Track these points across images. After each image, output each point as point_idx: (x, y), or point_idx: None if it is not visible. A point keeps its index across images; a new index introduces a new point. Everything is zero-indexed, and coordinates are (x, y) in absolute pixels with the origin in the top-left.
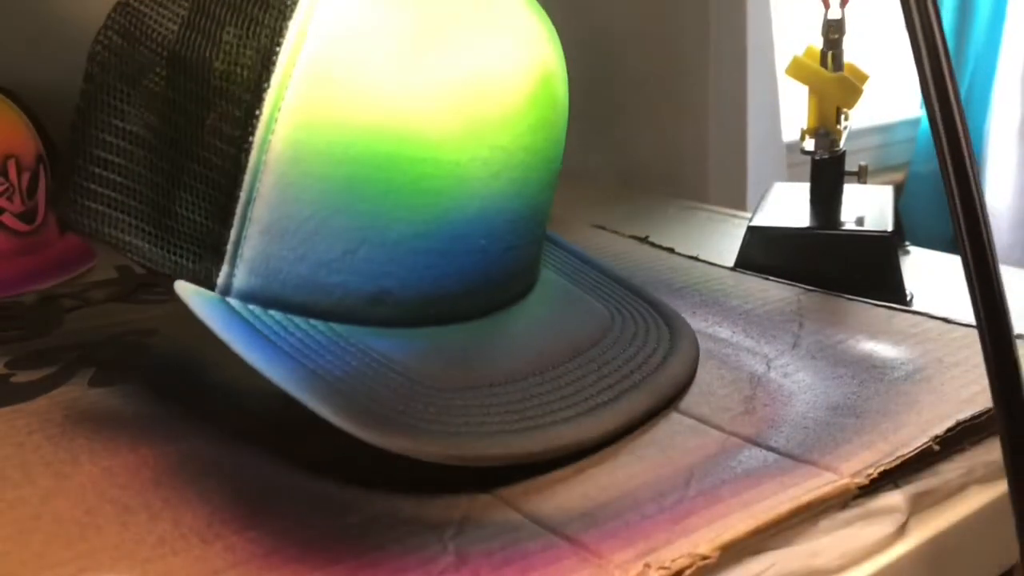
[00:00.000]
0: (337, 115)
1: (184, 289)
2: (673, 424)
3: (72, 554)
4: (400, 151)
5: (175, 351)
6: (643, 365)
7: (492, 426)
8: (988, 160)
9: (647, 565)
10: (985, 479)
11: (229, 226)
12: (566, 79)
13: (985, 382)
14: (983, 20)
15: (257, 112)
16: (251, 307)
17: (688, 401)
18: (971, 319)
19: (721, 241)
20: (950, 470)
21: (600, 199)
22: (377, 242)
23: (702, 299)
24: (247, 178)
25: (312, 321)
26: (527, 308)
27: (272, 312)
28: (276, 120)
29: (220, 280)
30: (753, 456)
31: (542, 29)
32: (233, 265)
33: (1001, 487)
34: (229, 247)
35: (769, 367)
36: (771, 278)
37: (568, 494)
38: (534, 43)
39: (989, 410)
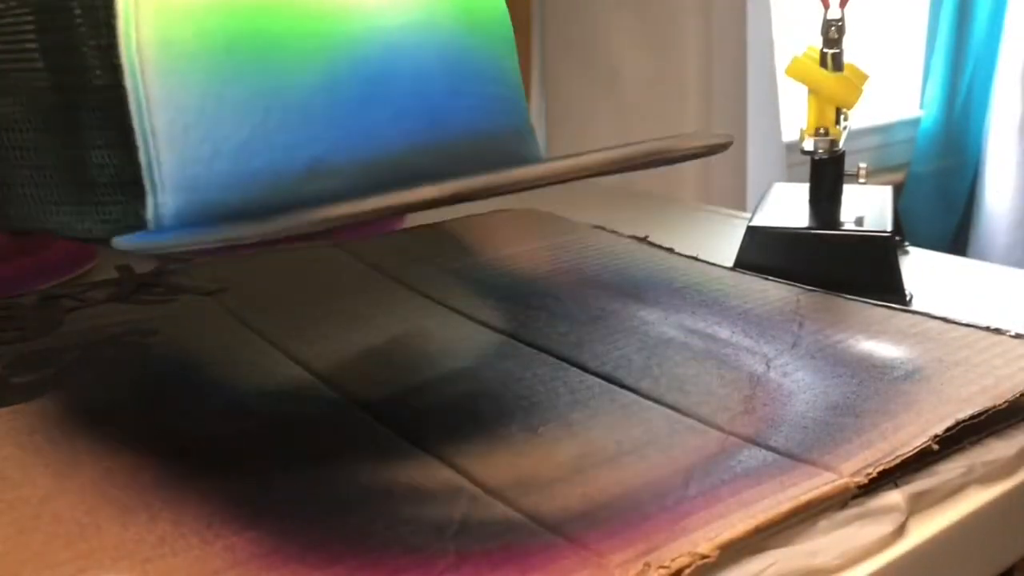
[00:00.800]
0: None
1: (124, 242)
2: (673, 424)
3: (72, 554)
4: None
5: (175, 351)
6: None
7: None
8: (988, 160)
9: (647, 564)
10: (984, 479)
11: (135, 149)
12: None
13: (985, 382)
14: (983, 20)
15: (113, 18)
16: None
17: (688, 401)
18: (968, 318)
19: (721, 241)
20: (949, 470)
21: (600, 199)
22: (283, 107)
23: (702, 299)
24: (130, 87)
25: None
26: None
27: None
28: (132, 11)
29: (150, 214)
30: (752, 456)
31: None
32: (157, 193)
33: (1001, 487)
34: (145, 174)
35: (768, 367)
36: (770, 278)
37: (568, 494)
38: None
39: (989, 409)
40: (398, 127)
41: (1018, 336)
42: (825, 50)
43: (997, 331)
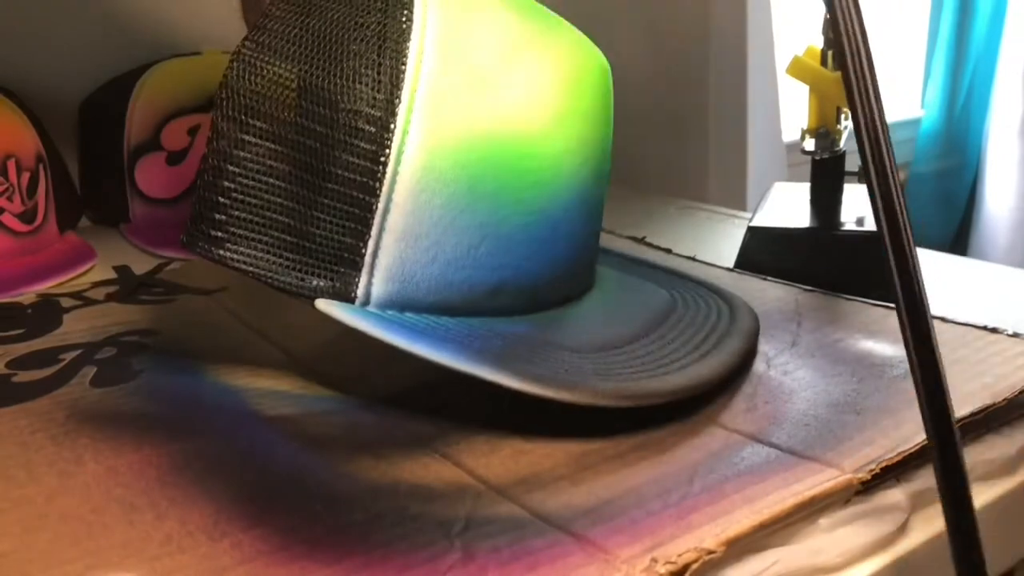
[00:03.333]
0: (460, 124)
1: (327, 305)
2: (675, 422)
3: (79, 552)
4: (511, 150)
5: (175, 350)
6: (709, 336)
7: (629, 376)
8: (988, 160)
9: (653, 560)
10: (985, 477)
11: (367, 238)
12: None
13: (984, 380)
14: (983, 20)
15: (392, 127)
16: (389, 312)
17: (689, 399)
18: (968, 318)
19: (721, 241)
20: None
21: None
22: (495, 236)
23: None
24: (384, 189)
25: (444, 317)
26: (602, 295)
27: (408, 314)
28: (408, 132)
29: (359, 291)
30: (755, 453)
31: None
32: (371, 275)
33: (1003, 485)
34: (367, 258)
35: (769, 365)
36: (769, 278)
37: (573, 491)
38: (591, 44)
39: (988, 407)
40: (558, 261)
41: (1015, 335)
42: (825, 49)
43: (994, 330)
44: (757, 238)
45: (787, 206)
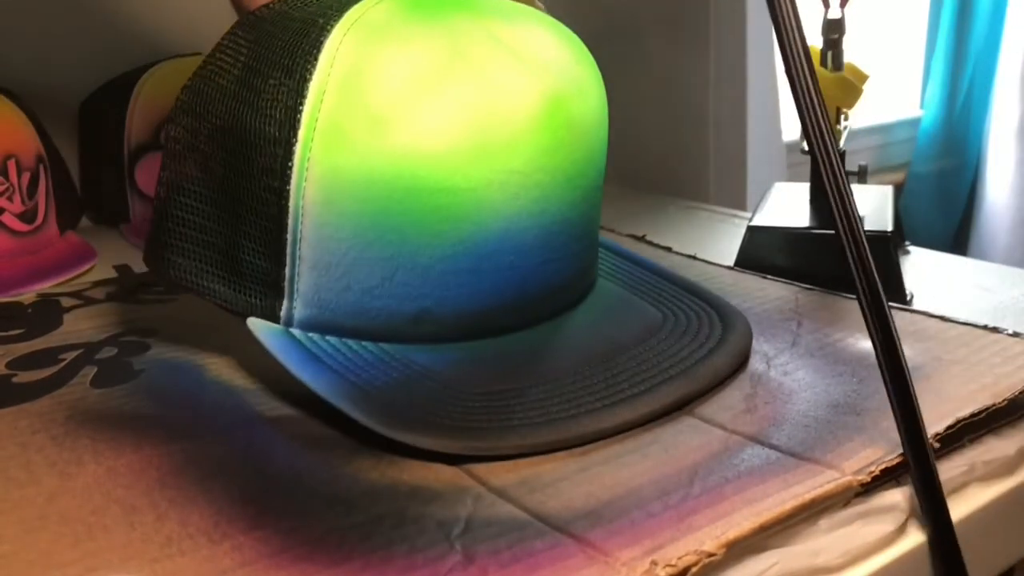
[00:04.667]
0: (357, 159)
1: (254, 324)
2: (675, 423)
3: (79, 553)
4: (417, 184)
5: (175, 351)
6: (686, 359)
7: (514, 421)
8: (988, 160)
9: (654, 562)
10: (985, 477)
11: (283, 265)
12: (591, 100)
13: (984, 380)
14: (983, 20)
15: (290, 164)
16: (311, 335)
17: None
18: (969, 317)
19: (721, 241)
20: (950, 468)
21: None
22: (409, 267)
23: None
24: (290, 222)
25: (364, 343)
26: (575, 318)
27: (329, 337)
28: (307, 168)
29: (283, 313)
30: (755, 454)
31: (558, 57)
32: (292, 299)
33: (1002, 485)
34: (286, 284)
35: (769, 365)
36: (769, 277)
37: (573, 493)
38: (541, 72)
39: (989, 407)
40: (493, 291)
41: (1016, 335)
42: (825, 50)
43: (995, 330)
44: (757, 238)
45: (787, 206)
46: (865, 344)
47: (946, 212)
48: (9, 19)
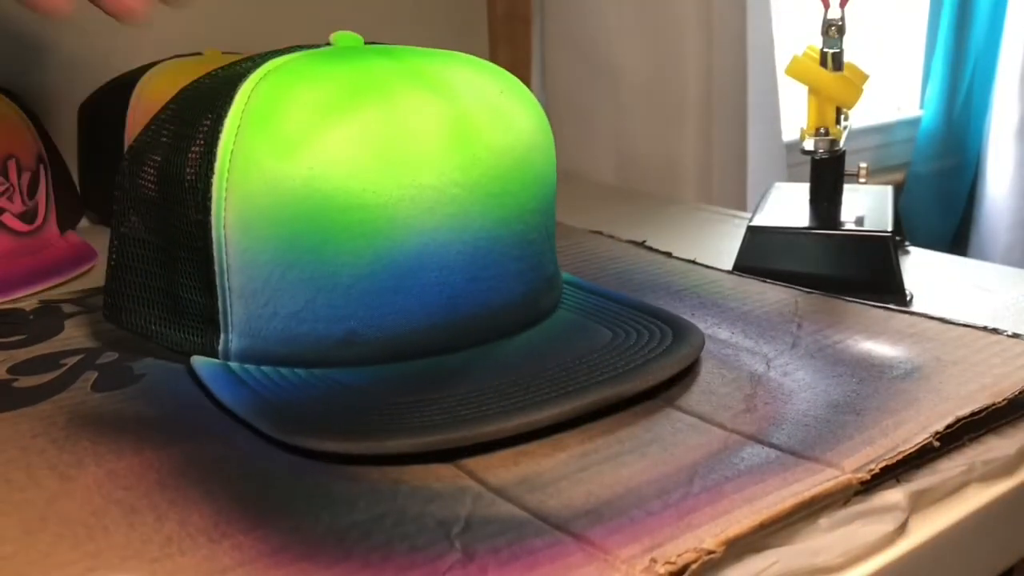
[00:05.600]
0: (268, 183)
1: (196, 361)
2: (675, 422)
3: (79, 554)
4: (328, 203)
5: (175, 355)
6: (621, 367)
7: (414, 423)
8: (988, 160)
9: (653, 560)
10: (985, 477)
11: (216, 298)
12: (517, 125)
13: (984, 380)
14: (983, 20)
15: (210, 195)
16: (246, 366)
17: (689, 400)
18: (968, 317)
19: (721, 241)
20: (950, 468)
21: (599, 199)
22: (331, 288)
23: (700, 301)
24: (215, 253)
25: (296, 370)
26: (515, 342)
27: (264, 368)
28: (224, 199)
29: (220, 347)
30: (755, 453)
31: (476, 86)
32: (227, 332)
33: (1001, 485)
34: (220, 317)
35: (769, 366)
36: (769, 281)
37: (573, 491)
38: (451, 96)
39: (989, 407)
40: (421, 311)
41: (1015, 336)
42: (825, 50)
43: (994, 331)
44: (757, 238)
45: (787, 206)
46: (865, 346)
47: (946, 212)
48: (9, 20)
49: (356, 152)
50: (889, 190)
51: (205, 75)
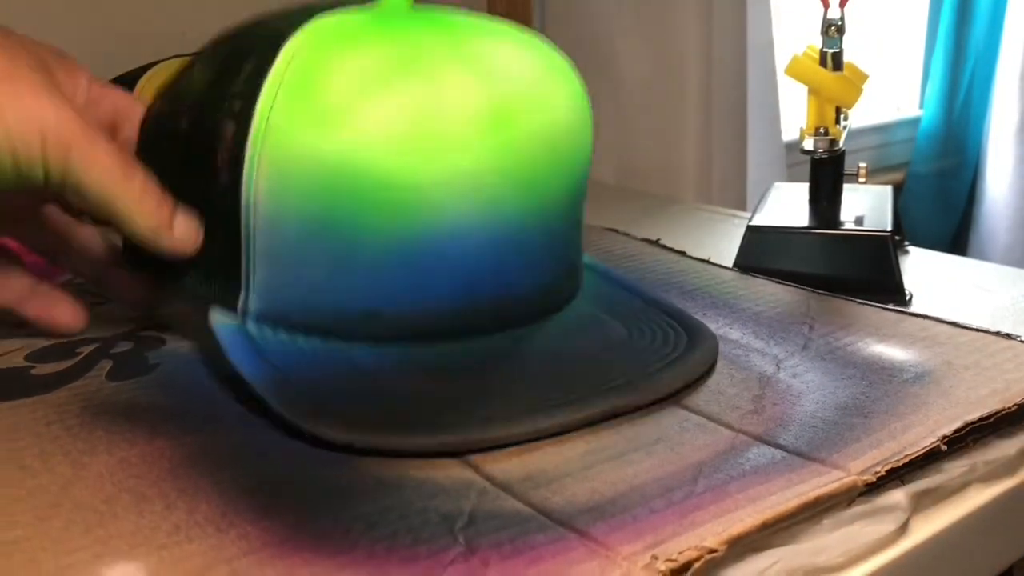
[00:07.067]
0: (303, 152)
1: (216, 322)
2: (682, 421)
3: (89, 540)
4: (361, 179)
5: (190, 345)
6: (637, 371)
7: (422, 421)
8: (988, 160)
9: (654, 557)
10: (986, 477)
11: (239, 257)
12: (558, 112)
13: (995, 385)
14: (983, 20)
15: (242, 158)
16: (264, 330)
17: (698, 399)
18: (968, 318)
19: (721, 241)
20: (951, 468)
21: (599, 199)
22: (353, 264)
23: (712, 301)
24: (243, 216)
25: (311, 338)
26: (532, 334)
27: (281, 335)
28: (256, 167)
29: (240, 304)
30: (761, 453)
31: (521, 68)
32: (248, 291)
33: (1002, 485)
34: (243, 276)
35: (779, 368)
36: (782, 282)
37: (577, 488)
38: (494, 78)
39: (998, 412)
40: (442, 294)
41: (1014, 336)
42: (825, 49)
43: (1008, 336)
44: (757, 238)
45: (787, 206)
46: (876, 348)
47: (946, 212)
48: (9, 19)
49: (394, 131)
50: (889, 190)
51: (252, 21)
